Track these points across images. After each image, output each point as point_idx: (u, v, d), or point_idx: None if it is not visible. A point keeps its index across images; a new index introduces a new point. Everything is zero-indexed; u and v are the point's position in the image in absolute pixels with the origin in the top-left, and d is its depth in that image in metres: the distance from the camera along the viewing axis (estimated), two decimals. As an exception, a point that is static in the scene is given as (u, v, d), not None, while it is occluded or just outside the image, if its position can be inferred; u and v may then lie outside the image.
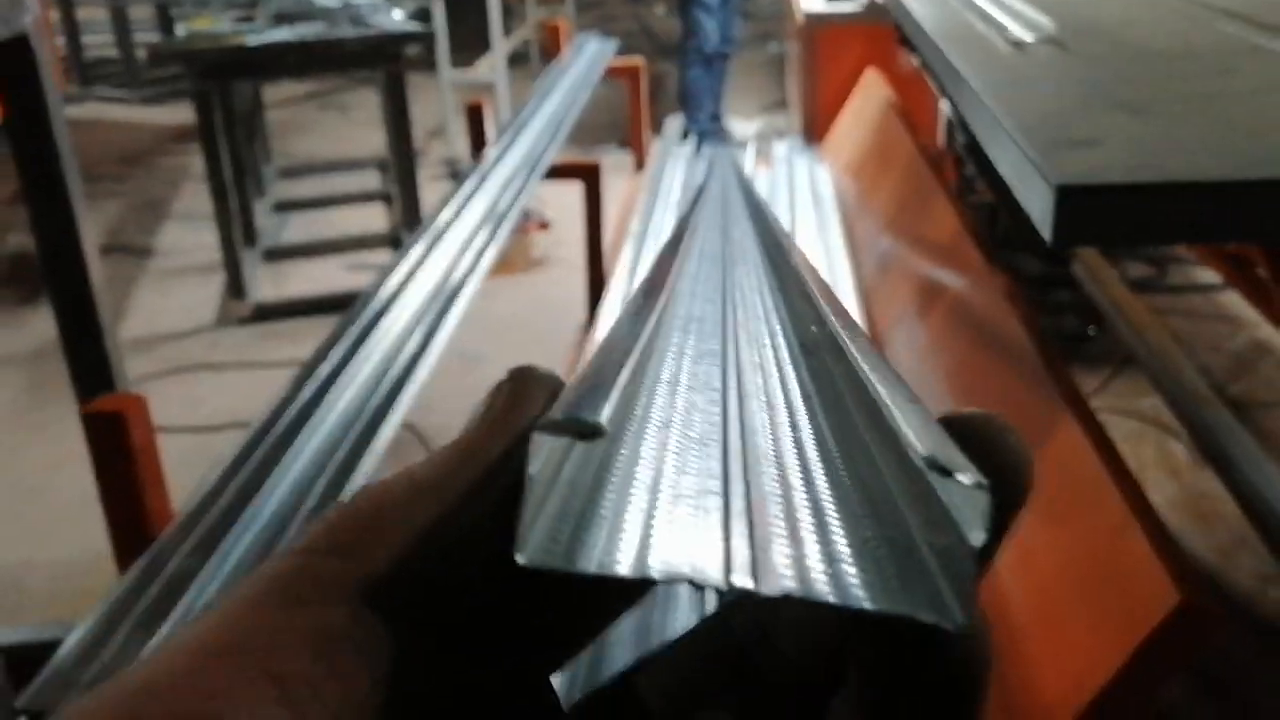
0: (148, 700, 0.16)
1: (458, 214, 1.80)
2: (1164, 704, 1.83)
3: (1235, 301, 3.02)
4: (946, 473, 0.17)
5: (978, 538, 0.17)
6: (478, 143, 2.16)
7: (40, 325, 3.02)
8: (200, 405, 2.75)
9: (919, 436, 0.19)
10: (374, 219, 3.87)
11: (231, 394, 2.79)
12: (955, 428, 0.20)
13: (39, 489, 2.42)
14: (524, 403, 0.22)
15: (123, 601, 0.84)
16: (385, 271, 1.60)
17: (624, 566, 0.16)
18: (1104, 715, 0.97)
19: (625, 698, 0.23)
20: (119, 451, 0.96)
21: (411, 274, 1.64)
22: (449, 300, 1.56)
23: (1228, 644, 1.96)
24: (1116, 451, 1.14)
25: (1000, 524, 0.19)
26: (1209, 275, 3.13)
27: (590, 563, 0.16)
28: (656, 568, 0.16)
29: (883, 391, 0.21)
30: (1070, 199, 0.78)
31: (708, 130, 4.33)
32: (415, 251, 1.67)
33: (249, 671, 0.16)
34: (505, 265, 3.50)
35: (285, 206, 4.04)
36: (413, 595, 0.19)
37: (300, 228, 3.90)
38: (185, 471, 1.47)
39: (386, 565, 0.19)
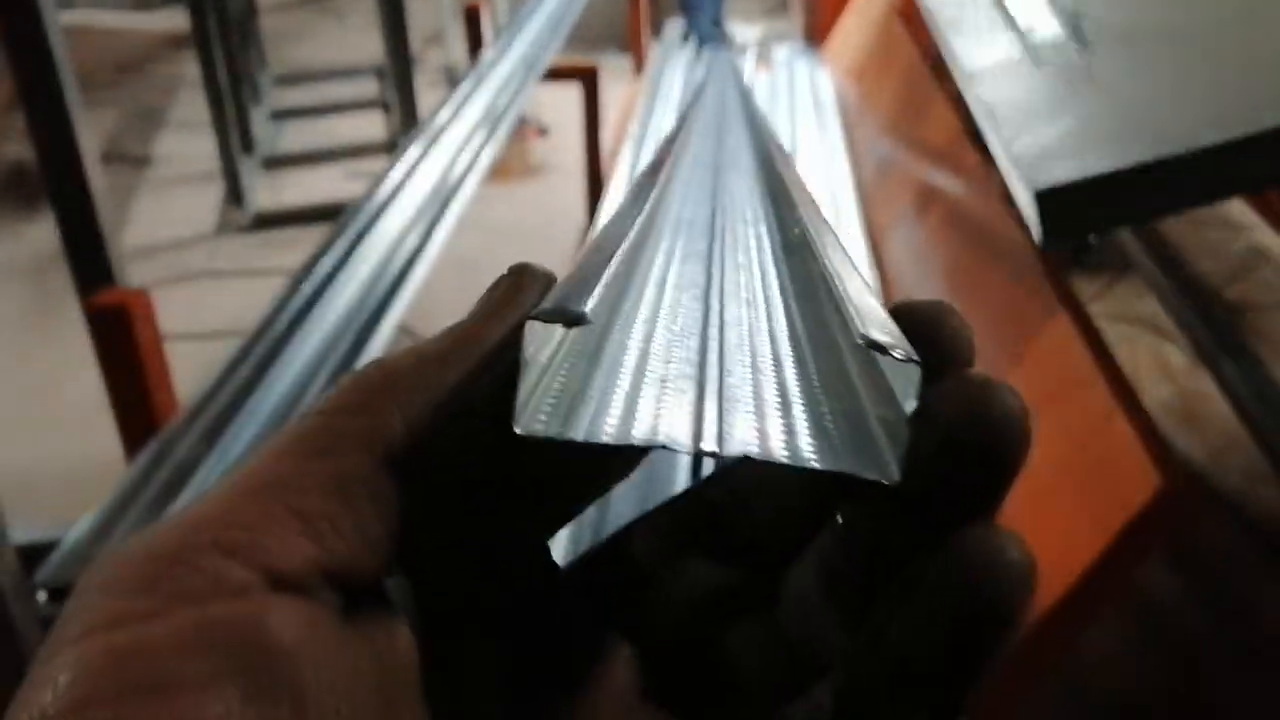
0: (193, 532, 0.19)
1: (455, 116, 1.80)
2: (1156, 603, 1.87)
3: (1236, 206, 3.00)
4: (883, 350, 0.20)
5: (910, 406, 0.19)
6: (475, 46, 2.13)
7: (41, 234, 3.03)
8: (202, 313, 2.77)
9: (866, 322, 0.21)
10: (372, 126, 3.84)
11: (233, 301, 2.80)
12: (905, 313, 0.22)
13: (46, 393, 2.44)
14: (521, 294, 0.24)
15: (132, 486, 0.86)
16: (383, 174, 1.60)
17: (608, 435, 0.18)
18: (1087, 595, 1.00)
19: (620, 556, 0.25)
20: (124, 345, 0.97)
21: (408, 176, 1.64)
22: (446, 202, 1.56)
23: (1217, 541, 2.00)
24: (1105, 344, 1.15)
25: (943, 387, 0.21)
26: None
27: (578, 431, 0.18)
28: (636, 435, 0.18)
29: (846, 285, 0.23)
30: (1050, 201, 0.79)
31: (708, 34, 4.26)
32: (412, 154, 1.67)
33: (278, 508, 0.19)
34: (503, 172, 3.49)
35: (282, 114, 4.01)
36: (421, 453, 0.21)
37: (298, 136, 3.87)
38: (189, 378, 1.50)
39: (398, 423, 0.21)
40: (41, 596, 0.77)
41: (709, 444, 0.18)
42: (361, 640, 0.20)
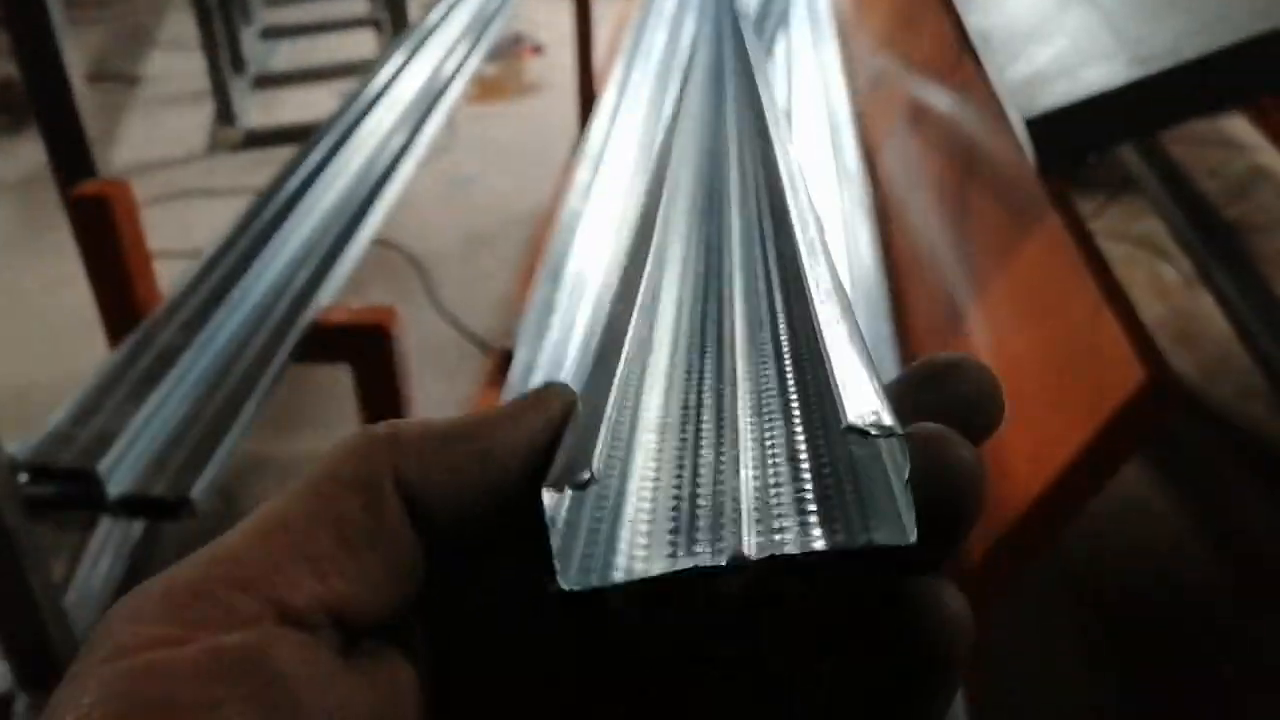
0: (209, 567, 0.21)
1: (439, 26, 1.77)
2: (1148, 513, 1.89)
3: (1238, 126, 2.98)
4: (863, 433, 0.22)
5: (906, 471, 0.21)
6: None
7: (28, 152, 3.00)
8: (195, 231, 2.75)
9: (848, 406, 0.23)
10: (364, 44, 3.78)
11: (225, 219, 2.78)
12: (926, 369, 0.25)
13: (38, 310, 2.44)
14: (540, 406, 0.26)
15: (114, 371, 0.86)
16: (364, 83, 1.59)
17: (648, 569, 0.21)
18: (1073, 485, 1.01)
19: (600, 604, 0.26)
20: (106, 235, 0.97)
21: (390, 86, 1.62)
22: (428, 111, 1.54)
23: (1206, 455, 2.01)
24: (1095, 246, 1.15)
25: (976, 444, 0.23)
26: (1213, 100, 3.08)
27: (620, 574, 0.21)
28: (674, 565, 0.21)
29: (833, 363, 0.25)
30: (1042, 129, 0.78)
31: None
32: (395, 64, 1.65)
33: (287, 549, 0.22)
34: (498, 90, 3.45)
35: (273, 33, 3.95)
36: (431, 506, 0.23)
37: (289, 54, 3.82)
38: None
39: (406, 474, 0.23)
40: (23, 478, 0.77)
41: (749, 551, 0.21)
42: (359, 674, 0.21)
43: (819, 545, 0.20)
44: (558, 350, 1.41)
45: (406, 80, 1.68)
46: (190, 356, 0.88)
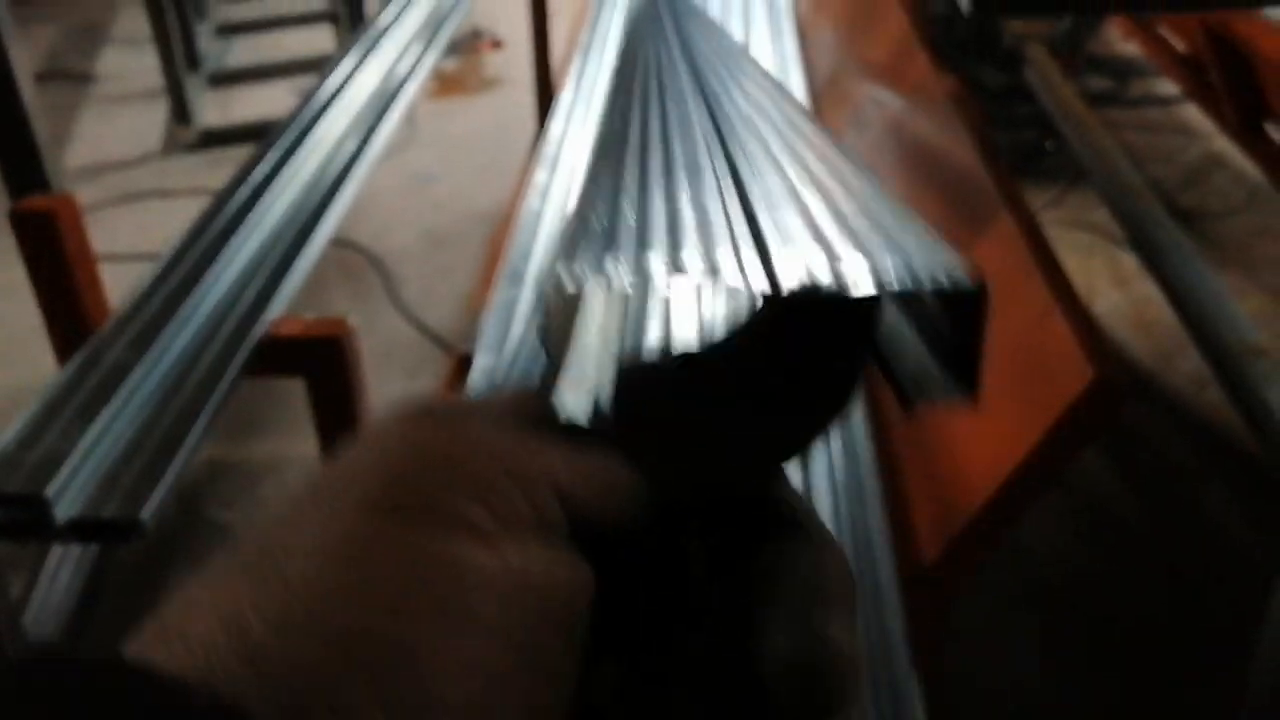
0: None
1: (394, 23, 1.76)
2: (1098, 500, 1.92)
3: (1192, 114, 3.01)
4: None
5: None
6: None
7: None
8: (150, 233, 2.71)
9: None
10: (322, 40, 3.75)
11: (181, 220, 2.75)
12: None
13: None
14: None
15: (61, 391, 0.85)
16: (318, 83, 1.57)
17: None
18: (1024, 483, 1.02)
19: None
20: (50, 252, 0.96)
21: (345, 85, 1.61)
22: (383, 110, 1.53)
23: (1158, 441, 2.04)
24: (1046, 244, 1.16)
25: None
26: (1168, 88, 3.11)
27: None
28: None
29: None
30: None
31: None
32: (349, 62, 1.63)
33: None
34: (458, 86, 3.43)
35: (228, 29, 3.91)
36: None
37: (246, 51, 3.78)
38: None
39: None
40: (-31, 503, 0.76)
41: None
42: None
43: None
44: (518, 354, 1.41)
45: (364, 76, 1.67)
46: (139, 374, 0.88)
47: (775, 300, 0.26)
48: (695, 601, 0.25)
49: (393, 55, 1.64)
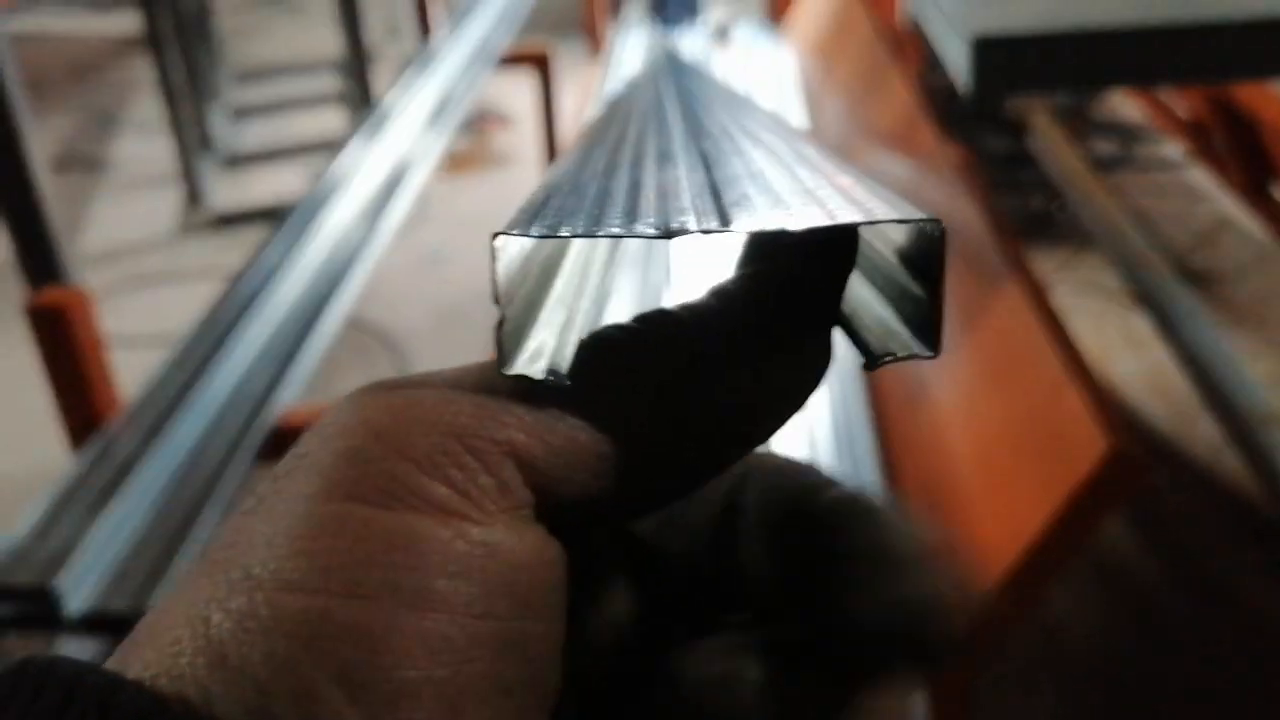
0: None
1: (402, 108, 1.79)
2: (1121, 567, 1.89)
3: (1199, 177, 3.02)
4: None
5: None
6: (425, 31, 2.12)
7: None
8: (164, 317, 2.73)
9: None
10: (334, 122, 3.81)
11: (195, 303, 2.77)
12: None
13: (6, 403, 2.42)
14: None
15: (73, 483, 0.85)
16: (325, 168, 1.59)
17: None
18: (1041, 560, 1.00)
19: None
20: (63, 345, 0.96)
21: (354, 169, 1.63)
22: (390, 195, 1.55)
23: (1181, 507, 2.02)
24: (1055, 314, 1.15)
25: None
26: (1175, 151, 3.13)
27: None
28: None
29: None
30: (986, 51, 0.78)
31: (680, 12, 4.21)
32: (358, 147, 1.66)
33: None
34: (466, 163, 3.47)
35: (242, 112, 3.98)
36: None
37: (259, 133, 3.84)
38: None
39: None
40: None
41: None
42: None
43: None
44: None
45: (373, 158, 1.69)
46: (149, 465, 0.88)
47: (747, 256, 0.25)
48: (724, 582, 0.24)
49: (402, 137, 1.67)
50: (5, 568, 0.76)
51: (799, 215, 0.20)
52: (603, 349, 0.23)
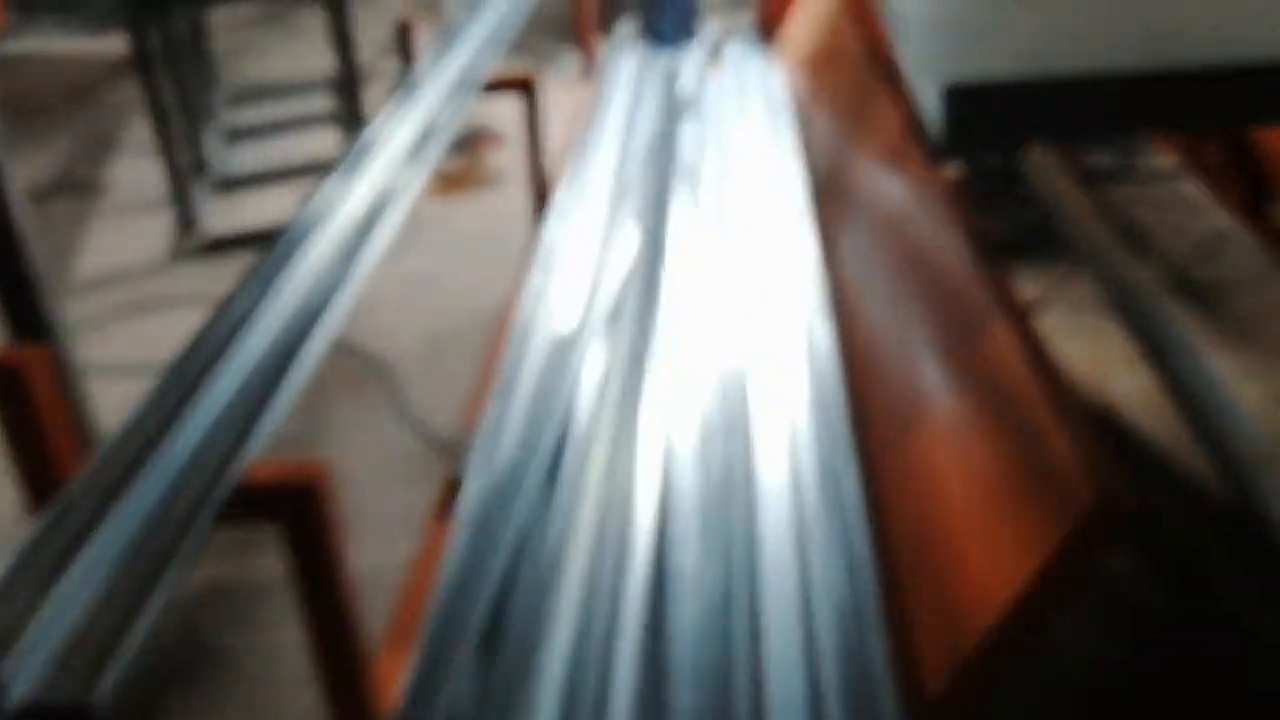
0: None
1: (388, 135, 1.76)
2: (1120, 587, 1.86)
3: (1191, 189, 2.99)
4: None
5: None
6: (407, 62, 2.10)
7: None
8: (156, 343, 2.71)
9: None
10: (330, 142, 3.79)
11: (185, 332, 2.75)
12: None
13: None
14: None
15: (23, 559, 0.83)
16: (309, 195, 1.57)
17: None
18: (1032, 607, 0.98)
19: None
20: (20, 404, 0.94)
21: (339, 197, 1.60)
22: (373, 223, 1.53)
23: (1177, 527, 1.98)
24: (1044, 353, 1.12)
25: None
26: (1175, 162, 3.10)
27: None
28: None
29: None
30: (958, 100, 0.76)
31: (674, 31, 4.18)
32: (343, 174, 1.63)
33: None
34: (460, 182, 3.45)
35: (237, 135, 3.96)
36: None
37: (254, 155, 3.82)
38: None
39: None
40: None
41: None
42: None
43: None
44: (508, 479, 1.38)
45: (355, 192, 1.67)
46: (104, 534, 0.85)
47: None
48: None
49: (382, 171, 1.64)
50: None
51: None
52: None
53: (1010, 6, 0.92)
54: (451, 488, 1.40)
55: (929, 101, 0.80)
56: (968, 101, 0.77)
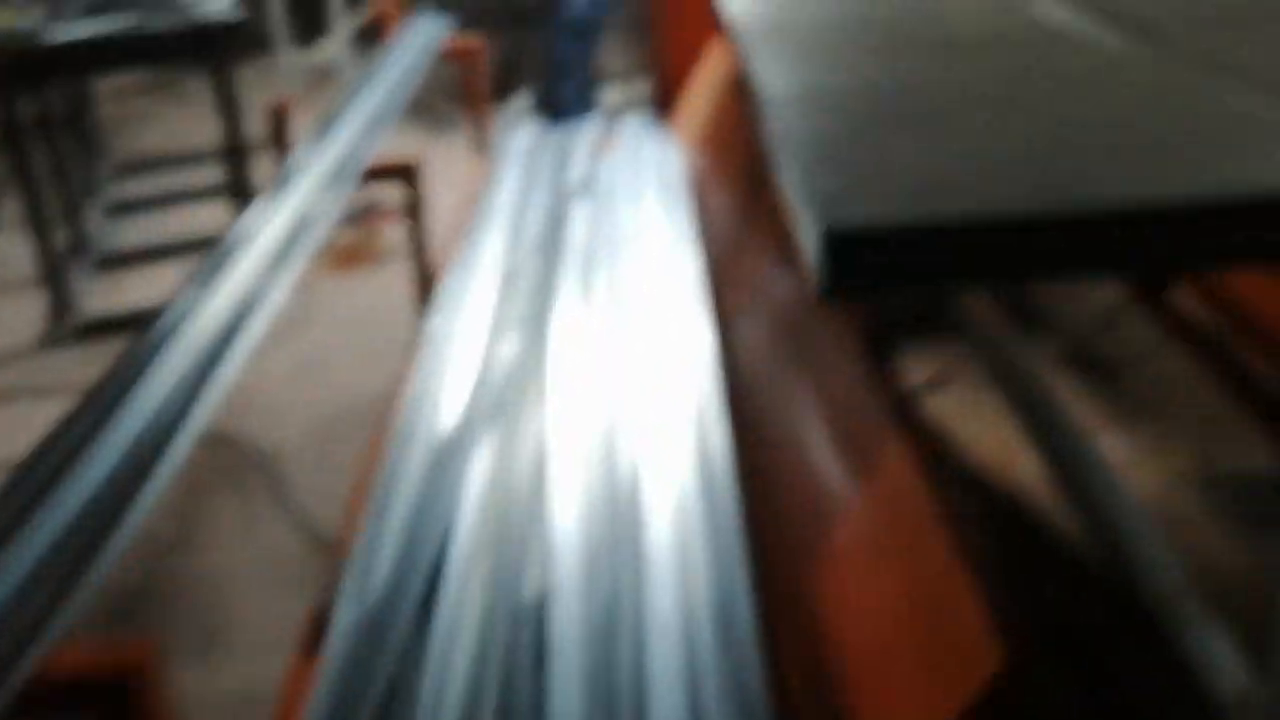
0: None
1: (258, 229, 1.66)
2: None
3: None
4: None
5: None
6: (282, 149, 2.00)
7: None
8: (20, 437, 2.54)
9: None
10: (219, 216, 3.65)
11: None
12: None
13: None
14: None
15: None
16: (175, 291, 1.47)
17: None
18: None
19: None
20: None
21: (206, 293, 1.50)
22: (239, 322, 1.43)
23: (1092, 616, 1.94)
24: (935, 487, 1.06)
25: None
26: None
27: None
28: None
29: None
30: (840, 247, 0.68)
31: (571, 105, 4.14)
32: (211, 268, 1.53)
33: None
34: (353, 258, 3.34)
35: (121, 208, 3.80)
36: None
37: (139, 230, 3.66)
38: None
39: None
40: None
41: None
42: None
43: None
44: (382, 611, 1.27)
45: (235, 276, 1.56)
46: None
47: None
48: None
49: (247, 274, 1.54)
50: None
51: None
52: None
53: (898, 139, 0.86)
54: (317, 623, 1.28)
55: (807, 243, 0.73)
56: (851, 248, 0.69)
